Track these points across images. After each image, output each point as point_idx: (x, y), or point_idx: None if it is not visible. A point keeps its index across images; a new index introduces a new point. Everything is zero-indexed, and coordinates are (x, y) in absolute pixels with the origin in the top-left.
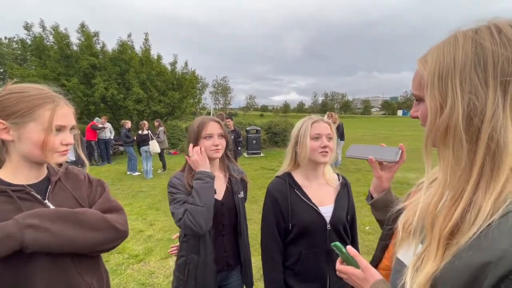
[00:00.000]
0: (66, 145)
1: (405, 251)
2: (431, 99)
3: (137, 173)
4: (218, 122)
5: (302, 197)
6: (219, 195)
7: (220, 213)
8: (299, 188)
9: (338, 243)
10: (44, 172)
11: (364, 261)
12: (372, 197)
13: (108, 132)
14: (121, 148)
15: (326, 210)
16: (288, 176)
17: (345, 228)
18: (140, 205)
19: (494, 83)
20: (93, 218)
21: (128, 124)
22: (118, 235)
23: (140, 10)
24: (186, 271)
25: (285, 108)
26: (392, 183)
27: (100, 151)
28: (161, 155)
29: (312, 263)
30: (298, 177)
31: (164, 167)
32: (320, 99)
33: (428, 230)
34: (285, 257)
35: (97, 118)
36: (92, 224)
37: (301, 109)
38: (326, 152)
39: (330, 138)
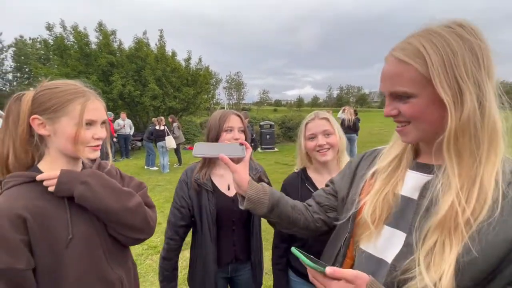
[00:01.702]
0: (98, 139)
1: (374, 243)
2: (445, 95)
3: (154, 168)
4: (239, 116)
5: (313, 191)
6: (232, 191)
7: (231, 210)
8: (311, 182)
9: (297, 252)
10: (79, 167)
11: (349, 271)
12: (243, 199)
13: (128, 128)
14: (139, 144)
15: None
16: (302, 171)
17: None
18: (157, 198)
19: (485, 72)
20: (135, 203)
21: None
22: (146, 229)
23: (154, 7)
24: (192, 264)
25: (299, 102)
26: None
27: (119, 146)
28: (177, 150)
29: (316, 251)
30: (311, 172)
31: (179, 161)
32: (335, 92)
33: (442, 221)
34: (293, 240)
35: (109, 113)
36: (132, 207)
37: (315, 103)
38: (325, 150)
39: (328, 134)
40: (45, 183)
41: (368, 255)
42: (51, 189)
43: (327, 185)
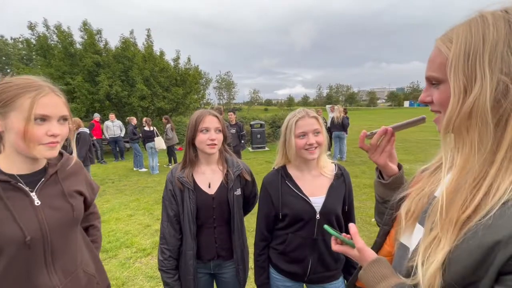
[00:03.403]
0: (53, 136)
1: (408, 236)
2: (455, 81)
3: (143, 169)
4: (217, 116)
5: (293, 188)
6: (212, 189)
7: (210, 207)
8: (291, 179)
9: (329, 228)
10: (41, 163)
11: (360, 241)
12: (381, 177)
13: (118, 130)
14: (127, 145)
15: (317, 201)
16: (282, 168)
17: (338, 219)
18: (147, 200)
19: None
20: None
21: (134, 120)
22: None
23: (142, 5)
24: (177, 259)
25: (290, 101)
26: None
27: (111, 149)
28: (171, 151)
29: (296, 247)
30: (291, 169)
31: (175, 161)
32: (325, 91)
33: (441, 215)
34: (273, 238)
35: (96, 114)
36: None
37: (305, 102)
38: (314, 148)
39: (317, 133)
40: None
41: (405, 247)
42: None
43: None
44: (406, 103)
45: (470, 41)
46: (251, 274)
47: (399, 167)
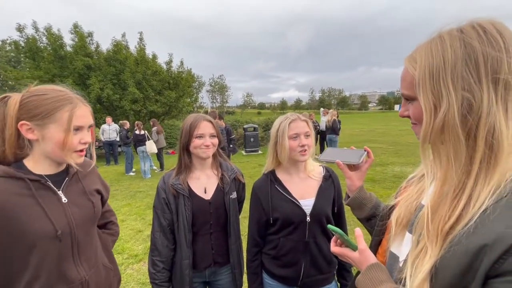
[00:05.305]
0: (84, 143)
1: (398, 245)
2: (425, 99)
3: (131, 173)
4: (211, 121)
5: (282, 192)
6: (208, 194)
7: (207, 213)
8: (280, 183)
9: (333, 227)
10: (63, 165)
11: (363, 243)
12: (348, 197)
13: (114, 133)
14: (119, 149)
15: (307, 203)
16: (271, 173)
17: (328, 220)
18: (139, 205)
19: (486, 80)
20: None
21: (127, 124)
22: None
23: (135, 8)
24: (173, 266)
25: (283, 105)
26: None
27: (104, 152)
28: (158, 155)
29: (289, 251)
30: (280, 173)
31: (161, 166)
32: (318, 95)
33: (427, 227)
34: (265, 243)
35: None
36: None
37: (298, 106)
38: (305, 150)
39: (308, 136)
40: None
41: (395, 256)
42: None
43: None
44: (397, 107)
45: (432, 62)
46: (244, 278)
47: (360, 189)
